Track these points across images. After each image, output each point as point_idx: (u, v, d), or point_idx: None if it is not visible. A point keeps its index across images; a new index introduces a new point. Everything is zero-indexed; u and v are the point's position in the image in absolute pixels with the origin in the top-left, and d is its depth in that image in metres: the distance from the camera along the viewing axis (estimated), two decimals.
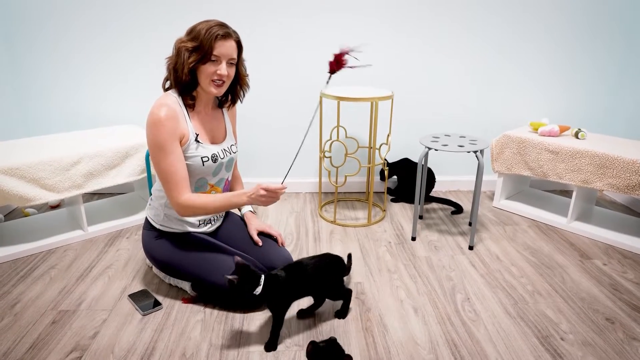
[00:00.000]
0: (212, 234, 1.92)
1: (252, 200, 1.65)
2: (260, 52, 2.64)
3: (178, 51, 1.63)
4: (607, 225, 2.46)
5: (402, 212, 2.68)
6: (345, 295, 1.74)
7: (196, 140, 1.70)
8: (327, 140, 2.63)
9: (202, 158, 1.71)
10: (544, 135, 2.52)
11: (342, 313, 1.74)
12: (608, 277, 2.04)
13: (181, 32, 1.67)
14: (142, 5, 2.53)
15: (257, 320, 1.72)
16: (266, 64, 2.68)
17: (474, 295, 1.89)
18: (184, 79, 1.63)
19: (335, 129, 2.69)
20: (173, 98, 1.67)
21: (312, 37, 2.65)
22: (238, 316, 1.73)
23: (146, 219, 1.85)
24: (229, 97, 1.84)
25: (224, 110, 1.88)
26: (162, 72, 1.74)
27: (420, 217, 2.61)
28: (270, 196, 1.62)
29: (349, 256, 1.90)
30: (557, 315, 1.77)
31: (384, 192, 2.93)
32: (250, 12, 2.58)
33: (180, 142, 1.65)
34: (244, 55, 1.76)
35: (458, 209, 2.70)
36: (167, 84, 1.73)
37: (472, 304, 1.83)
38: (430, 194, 2.85)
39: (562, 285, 1.97)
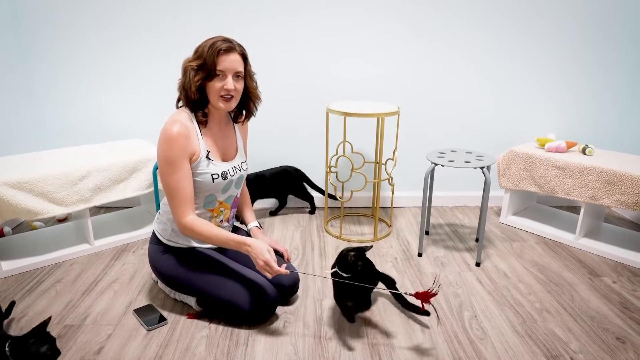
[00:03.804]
0: (219, 249, 1.91)
1: (250, 255, 1.65)
2: (264, 63, 2.67)
3: (185, 71, 1.66)
4: (616, 242, 2.43)
5: (408, 228, 2.67)
6: None
7: (207, 157, 1.71)
8: (333, 156, 2.64)
9: (212, 175, 1.72)
10: (550, 151, 2.51)
11: None
12: (618, 295, 2.01)
13: (191, 52, 1.69)
14: (155, 26, 2.57)
15: (262, 336, 1.71)
16: (270, 75, 2.70)
17: (481, 312, 1.87)
18: (193, 97, 1.65)
19: (342, 144, 2.70)
20: (186, 115, 1.69)
21: (319, 49, 2.68)
22: (243, 332, 1.72)
23: (153, 232, 1.86)
24: (243, 112, 1.86)
25: (236, 126, 1.89)
26: (172, 89, 1.76)
27: (427, 233, 2.60)
28: (268, 270, 1.63)
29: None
30: (567, 334, 1.75)
31: (390, 207, 2.92)
32: (254, 18, 2.61)
33: (191, 159, 1.67)
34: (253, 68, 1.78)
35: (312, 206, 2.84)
36: (180, 104, 1.75)
37: (480, 322, 1.81)
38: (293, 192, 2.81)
39: (571, 303, 1.95)
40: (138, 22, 2.57)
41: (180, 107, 1.75)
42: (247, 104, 1.82)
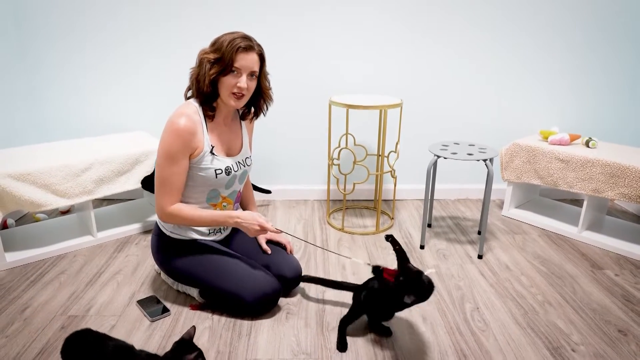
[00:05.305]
0: (222, 242, 1.92)
1: (240, 226, 1.69)
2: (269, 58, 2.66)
3: (200, 62, 1.65)
4: (618, 235, 2.43)
5: (410, 221, 2.67)
6: None
7: (211, 152, 1.71)
8: (336, 148, 2.63)
9: (215, 170, 1.72)
10: (554, 144, 2.50)
11: None
12: (620, 287, 2.01)
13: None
14: (159, 21, 2.56)
15: (265, 327, 1.71)
16: (271, 73, 2.69)
17: (483, 304, 1.88)
18: (205, 90, 1.64)
19: (344, 136, 2.70)
20: (194, 107, 1.68)
21: (320, 44, 2.67)
22: (246, 323, 1.73)
23: (156, 224, 1.86)
24: (252, 110, 1.85)
25: (243, 122, 1.89)
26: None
27: (429, 226, 2.60)
28: (261, 232, 1.68)
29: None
30: (568, 326, 1.75)
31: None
32: (258, 17, 2.60)
33: (194, 153, 1.67)
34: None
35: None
36: (189, 94, 1.75)
37: (482, 314, 1.81)
38: None
39: (572, 295, 1.95)
40: (138, 21, 2.56)
41: (189, 98, 1.75)
42: (258, 102, 1.82)
